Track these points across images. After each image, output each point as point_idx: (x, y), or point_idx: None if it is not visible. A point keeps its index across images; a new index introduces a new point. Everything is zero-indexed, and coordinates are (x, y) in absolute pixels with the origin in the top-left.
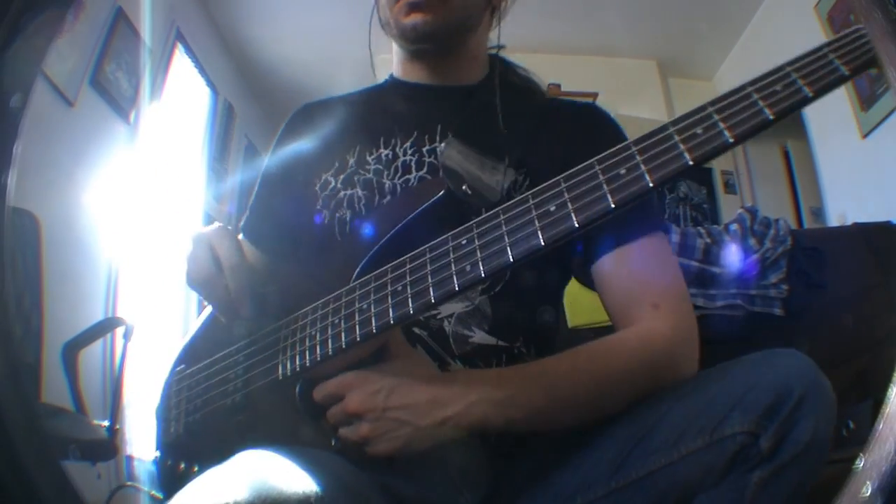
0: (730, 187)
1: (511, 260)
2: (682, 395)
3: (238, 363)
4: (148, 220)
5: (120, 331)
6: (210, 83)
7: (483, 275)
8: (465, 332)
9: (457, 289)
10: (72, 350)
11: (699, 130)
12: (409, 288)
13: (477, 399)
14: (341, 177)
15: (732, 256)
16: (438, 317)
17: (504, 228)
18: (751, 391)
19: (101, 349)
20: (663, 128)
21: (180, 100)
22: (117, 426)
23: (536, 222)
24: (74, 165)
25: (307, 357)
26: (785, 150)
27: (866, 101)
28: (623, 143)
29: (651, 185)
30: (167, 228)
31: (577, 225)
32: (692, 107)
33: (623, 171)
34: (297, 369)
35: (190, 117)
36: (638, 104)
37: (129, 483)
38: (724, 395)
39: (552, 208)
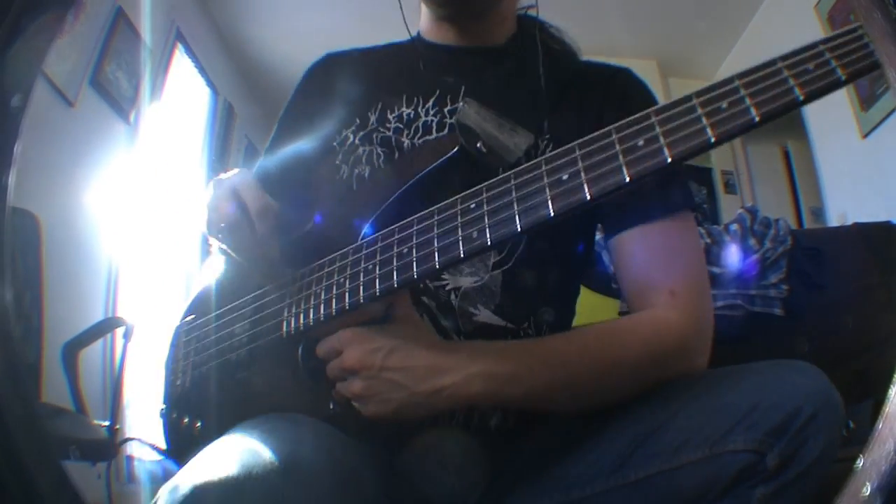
0: (730, 187)
1: (519, 229)
2: (691, 399)
3: (245, 317)
4: (148, 220)
5: (120, 331)
6: (210, 83)
7: (490, 243)
8: (470, 310)
9: (462, 256)
10: (72, 350)
11: (724, 105)
12: (414, 251)
13: (477, 371)
14: (361, 133)
15: (732, 256)
16: (447, 288)
17: (514, 195)
18: (758, 408)
19: (101, 349)
20: (687, 98)
21: (180, 100)
22: (117, 426)
23: (548, 191)
24: (74, 165)
25: (311, 316)
26: (785, 150)
27: (866, 100)
28: (644, 112)
29: (669, 160)
30: (167, 228)
31: (588, 197)
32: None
33: (641, 143)
34: (301, 328)
35: (190, 117)
36: None
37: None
38: (731, 408)
39: (564, 177)
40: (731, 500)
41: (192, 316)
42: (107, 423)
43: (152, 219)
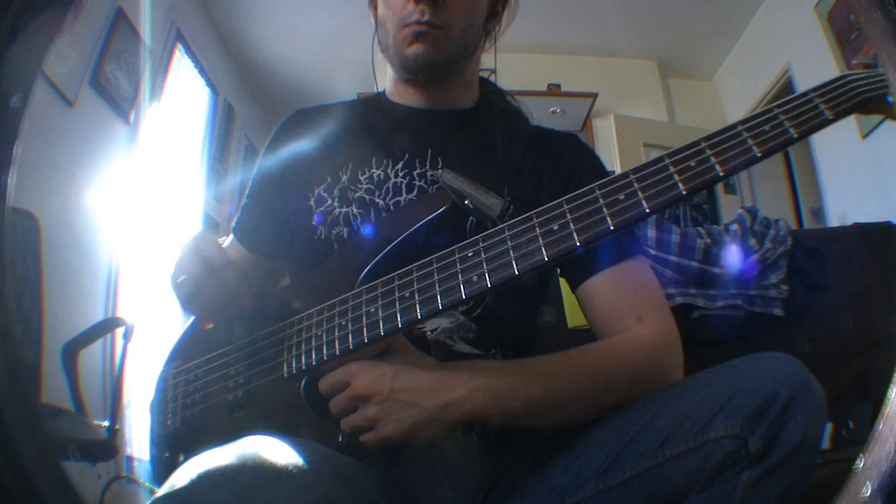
0: (730, 187)
1: (517, 273)
2: (670, 399)
3: (239, 360)
4: (148, 221)
5: (120, 331)
6: (210, 83)
7: (490, 285)
8: (447, 342)
9: (464, 297)
10: (72, 350)
11: (693, 163)
12: (416, 295)
13: (479, 385)
14: (335, 192)
15: (732, 257)
16: (422, 330)
17: (510, 244)
18: (735, 396)
19: (101, 349)
20: (660, 159)
21: (180, 100)
22: (117, 426)
23: (541, 239)
24: (74, 165)
25: (313, 356)
26: (785, 151)
27: None
28: (622, 172)
29: (647, 210)
30: (167, 229)
31: (578, 244)
32: (692, 106)
33: (622, 197)
34: (303, 367)
35: (190, 118)
36: (638, 104)
37: (124, 475)
38: (710, 399)
39: (555, 227)
40: (719, 487)
41: (178, 362)
42: (107, 424)
43: (152, 219)
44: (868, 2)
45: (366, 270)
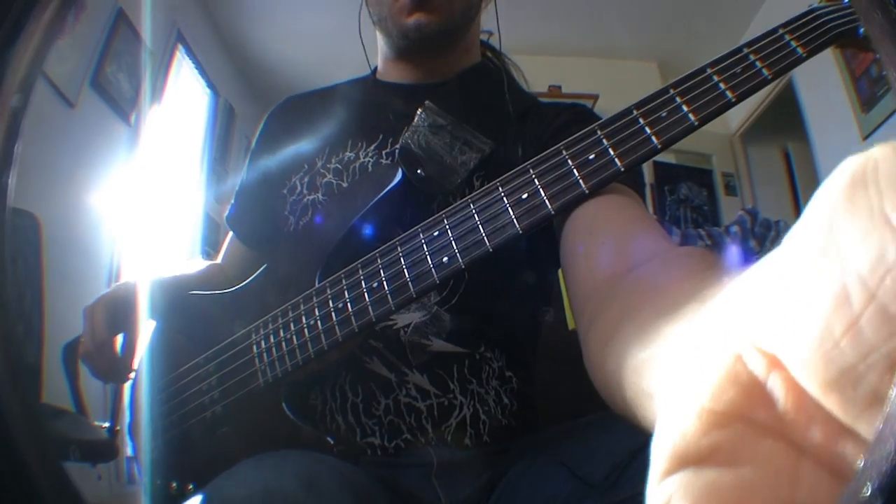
0: (730, 189)
1: (490, 249)
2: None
3: (210, 374)
4: (148, 221)
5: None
6: (210, 84)
7: (463, 266)
8: (422, 342)
9: (437, 282)
10: (72, 350)
11: (664, 113)
12: (386, 284)
13: None
14: (306, 179)
15: (733, 258)
16: (394, 327)
17: (477, 219)
18: None
19: None
20: (627, 111)
21: (181, 101)
22: (118, 427)
23: (511, 211)
24: (75, 166)
25: (287, 361)
26: (786, 152)
27: (866, 102)
28: (588, 128)
29: (622, 169)
30: (168, 229)
31: (552, 212)
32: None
33: (592, 157)
34: (279, 374)
35: (190, 119)
36: None
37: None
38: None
39: (524, 196)
40: None
41: (149, 379)
42: (107, 425)
43: (153, 220)
44: (868, 2)
45: (322, 266)
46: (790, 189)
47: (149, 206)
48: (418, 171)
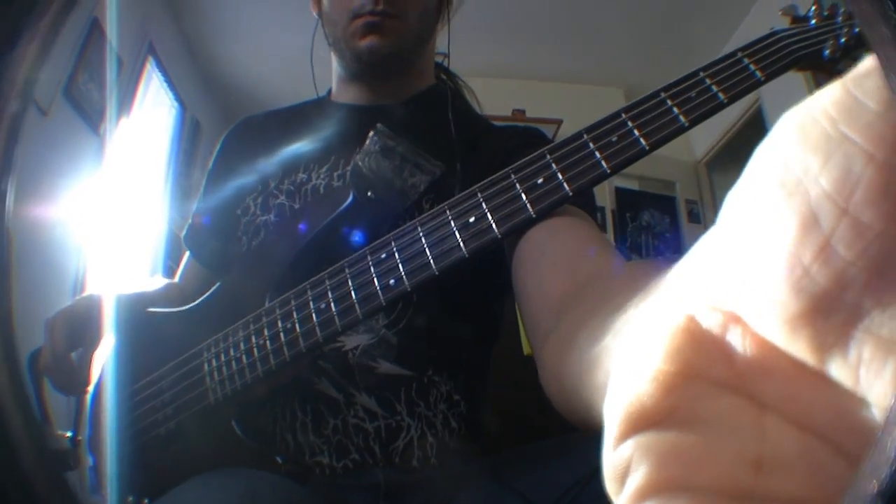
0: (693, 216)
1: (436, 272)
2: None
3: (163, 391)
4: (113, 234)
5: None
6: (178, 98)
7: (409, 289)
8: (370, 364)
9: (383, 304)
10: (37, 359)
11: (615, 138)
12: (333, 306)
13: None
14: (259, 200)
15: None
16: (343, 349)
17: (424, 242)
18: None
19: None
20: (578, 135)
21: (148, 114)
22: (80, 437)
23: (458, 235)
24: (44, 175)
25: (237, 381)
26: None
27: None
28: (538, 152)
29: (570, 194)
30: (133, 241)
31: (499, 236)
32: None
33: (541, 181)
34: (229, 393)
35: (157, 132)
36: None
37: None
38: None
39: (472, 220)
40: None
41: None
42: (70, 434)
43: (118, 231)
44: (868, 6)
45: (272, 286)
46: None
47: (113, 218)
48: (368, 194)
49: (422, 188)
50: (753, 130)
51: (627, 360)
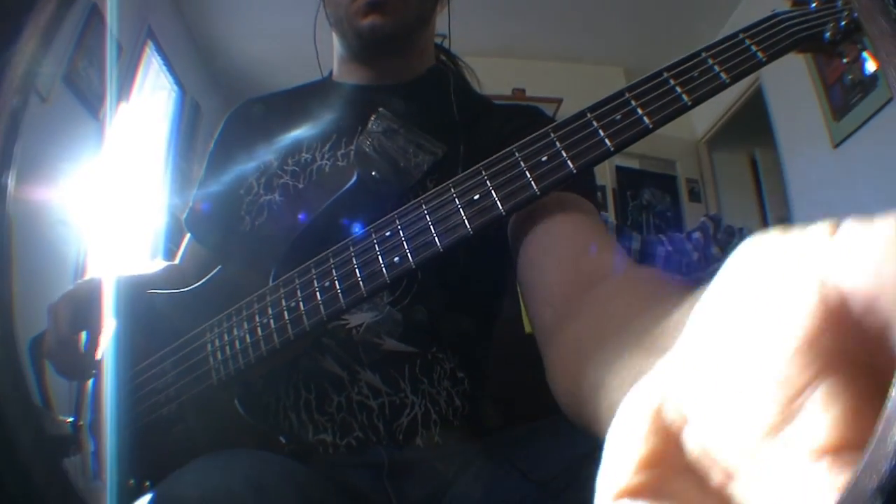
0: (694, 195)
1: (441, 249)
2: None
3: (166, 372)
4: (115, 218)
5: None
6: (178, 82)
7: (413, 266)
8: (375, 340)
9: (388, 281)
10: (38, 346)
11: (618, 116)
12: (338, 284)
13: None
14: (262, 180)
15: (694, 264)
16: (347, 326)
17: (429, 219)
18: None
19: None
20: (581, 114)
21: (148, 97)
22: (81, 422)
23: (462, 212)
24: (44, 161)
25: (241, 360)
26: (752, 159)
27: (839, 110)
28: (542, 130)
29: (574, 171)
30: (133, 226)
31: (503, 212)
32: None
33: (545, 158)
34: (232, 373)
35: (157, 115)
36: None
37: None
38: None
39: (476, 197)
40: None
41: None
42: (71, 420)
43: (119, 216)
44: (868, 2)
45: (276, 265)
46: (756, 196)
47: (114, 202)
48: (373, 173)
49: (425, 168)
50: (754, 109)
51: (612, 441)
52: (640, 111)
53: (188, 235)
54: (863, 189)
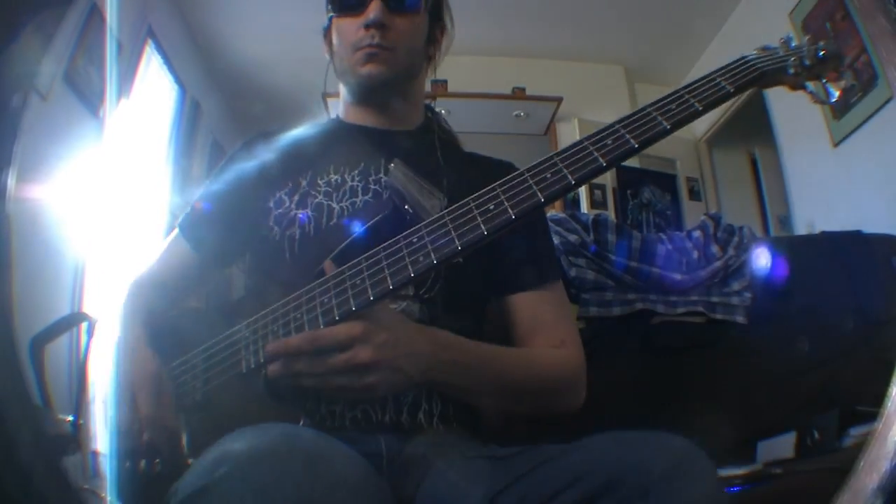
0: (694, 194)
1: (459, 248)
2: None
3: (196, 366)
4: (115, 216)
5: (84, 326)
6: (178, 80)
7: (435, 261)
8: None
9: (412, 274)
10: (38, 344)
11: (609, 141)
12: (367, 280)
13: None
14: (295, 197)
15: (694, 263)
16: None
17: (450, 226)
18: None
19: (67, 345)
20: (579, 142)
21: (148, 96)
22: (81, 421)
23: (479, 217)
24: (44, 159)
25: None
26: (752, 157)
27: (839, 109)
28: (548, 156)
29: (573, 182)
30: (134, 224)
31: (513, 216)
32: None
33: (549, 176)
34: (261, 361)
35: (157, 114)
36: (603, 109)
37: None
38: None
39: (491, 207)
40: None
41: None
42: (71, 418)
43: (119, 214)
44: (869, 2)
45: (316, 271)
46: (756, 194)
47: (115, 200)
48: (406, 207)
49: (436, 212)
50: (754, 108)
51: None
52: (627, 135)
53: (174, 237)
54: (863, 188)
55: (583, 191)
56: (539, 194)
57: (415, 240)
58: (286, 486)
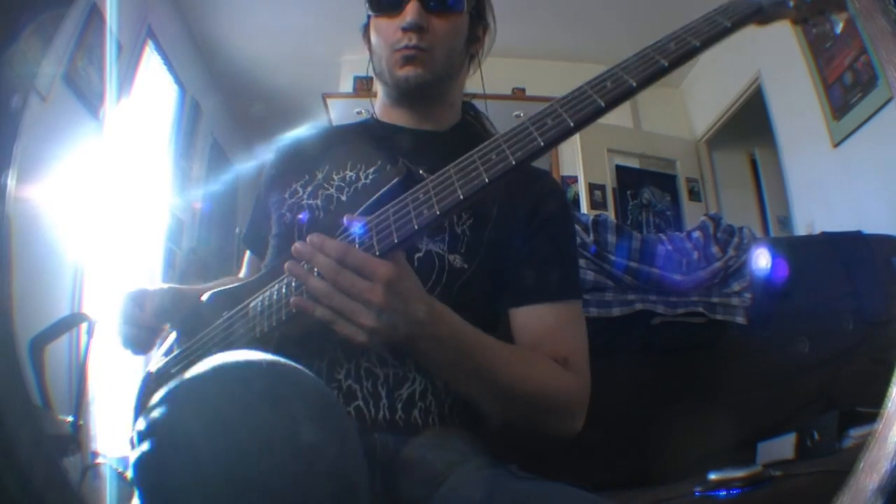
0: (694, 195)
1: (462, 197)
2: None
3: (213, 343)
4: (115, 217)
5: (84, 327)
6: (178, 81)
7: (438, 213)
8: None
9: (416, 228)
10: (38, 345)
11: (549, 121)
12: (374, 236)
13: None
14: (308, 188)
15: (694, 264)
16: None
17: (455, 178)
18: None
19: (66, 345)
20: (579, 88)
21: (149, 97)
22: (81, 422)
23: (481, 167)
24: (43, 160)
25: (283, 313)
26: (752, 158)
27: (839, 110)
28: (549, 104)
29: (572, 125)
30: (133, 225)
31: (514, 163)
32: (658, 113)
33: (549, 122)
34: (274, 324)
35: (157, 114)
36: None
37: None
38: None
39: (493, 156)
40: None
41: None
42: (71, 419)
43: (118, 215)
44: (869, 2)
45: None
46: (756, 195)
47: (115, 201)
48: (421, 171)
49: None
50: (754, 109)
51: None
52: (565, 114)
53: (247, 252)
54: (862, 188)
55: (583, 191)
56: (539, 139)
57: (421, 195)
58: (256, 385)
